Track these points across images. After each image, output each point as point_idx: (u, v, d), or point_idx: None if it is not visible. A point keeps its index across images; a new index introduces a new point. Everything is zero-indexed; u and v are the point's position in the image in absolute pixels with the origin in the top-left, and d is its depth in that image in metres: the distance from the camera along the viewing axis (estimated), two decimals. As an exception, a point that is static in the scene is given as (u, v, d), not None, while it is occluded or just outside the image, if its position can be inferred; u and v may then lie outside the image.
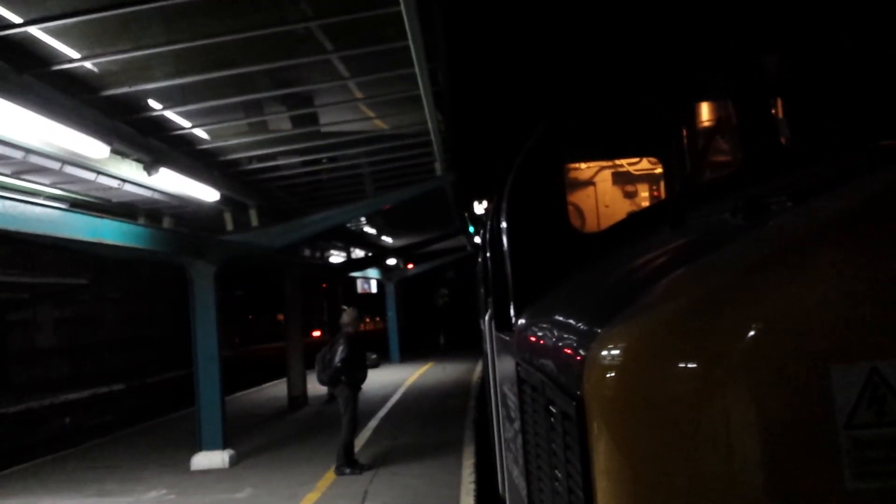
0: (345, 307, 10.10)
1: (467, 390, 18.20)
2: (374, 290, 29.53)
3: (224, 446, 11.35)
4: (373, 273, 26.79)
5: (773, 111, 3.05)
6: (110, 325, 33.24)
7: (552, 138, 3.26)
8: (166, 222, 12.04)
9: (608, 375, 1.57)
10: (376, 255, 24.66)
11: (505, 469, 4.39)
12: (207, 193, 9.69)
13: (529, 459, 2.73)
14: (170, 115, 7.77)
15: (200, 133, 8.65)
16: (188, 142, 8.85)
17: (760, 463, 1.40)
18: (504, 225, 3.36)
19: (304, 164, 11.45)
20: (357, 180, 14.04)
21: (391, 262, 26.92)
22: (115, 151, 7.69)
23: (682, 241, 2.26)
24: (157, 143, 8.21)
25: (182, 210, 11.79)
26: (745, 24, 3.01)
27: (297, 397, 17.13)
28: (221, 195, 10.51)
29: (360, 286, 28.88)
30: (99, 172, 8.49)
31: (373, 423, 14.04)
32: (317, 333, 41.09)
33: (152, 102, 7.41)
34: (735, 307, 1.46)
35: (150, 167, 7.96)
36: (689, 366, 1.45)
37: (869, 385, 1.38)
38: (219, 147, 9.36)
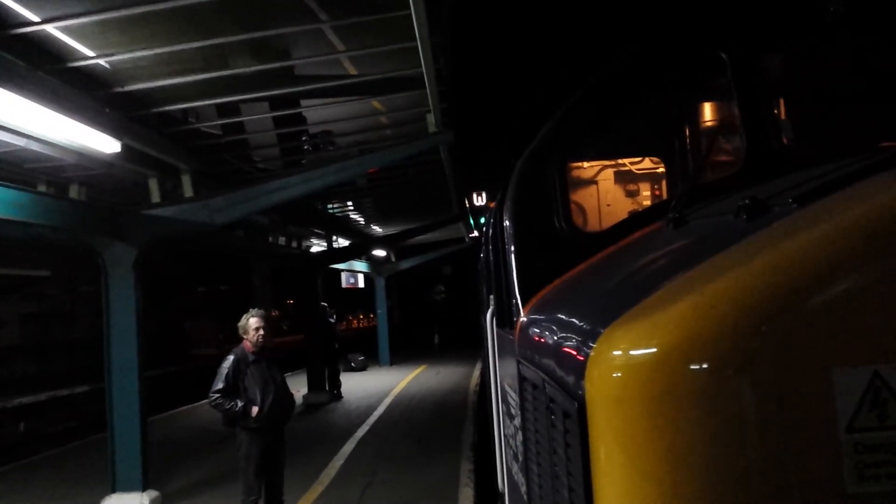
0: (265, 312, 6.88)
1: (464, 402, 15.71)
2: (360, 284, 26.73)
3: (145, 486, 8.72)
4: (360, 266, 24.09)
5: (776, 112, 2.93)
6: (82, 321, 30.58)
7: (556, 137, 3.21)
8: (73, 191, 9.16)
9: (611, 375, 1.57)
10: (362, 244, 21.81)
11: (504, 465, 4.16)
12: (100, 142, 6.80)
13: (529, 457, 2.71)
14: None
15: (65, 38, 5.68)
16: (54, 56, 5.93)
17: (761, 465, 1.39)
18: (507, 222, 3.34)
19: (251, 107, 8.55)
20: (336, 147, 11.23)
21: (380, 253, 24.18)
22: None
23: (686, 241, 2.25)
24: (-11, 49, 5.32)
25: (90, 174, 8.91)
26: (749, 22, 2.75)
27: (262, 411, 14.32)
28: (131, 148, 7.63)
29: (346, 280, 26.06)
30: None
31: (348, 448, 11.47)
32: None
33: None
34: (738, 309, 1.45)
35: (-22, 85, 5.12)
36: (692, 367, 1.44)
37: (871, 388, 1.37)
38: (111, 69, 6.43)
